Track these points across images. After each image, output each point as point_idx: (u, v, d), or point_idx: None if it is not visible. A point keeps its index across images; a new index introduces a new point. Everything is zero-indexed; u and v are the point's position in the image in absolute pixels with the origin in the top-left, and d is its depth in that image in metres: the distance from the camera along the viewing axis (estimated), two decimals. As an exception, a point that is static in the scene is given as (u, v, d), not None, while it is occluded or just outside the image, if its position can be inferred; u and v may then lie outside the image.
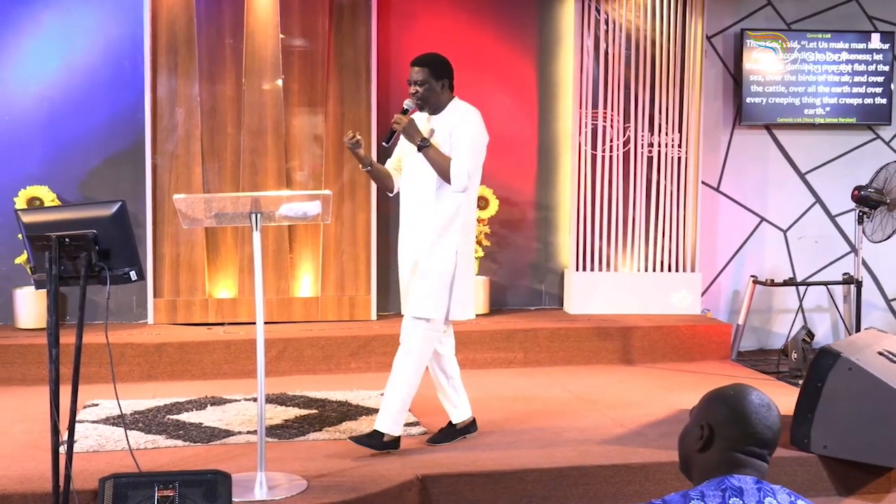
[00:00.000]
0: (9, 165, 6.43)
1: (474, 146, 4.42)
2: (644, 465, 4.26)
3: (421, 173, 4.41)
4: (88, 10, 6.51)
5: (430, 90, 4.44)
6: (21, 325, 6.24)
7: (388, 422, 4.35)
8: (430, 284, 4.35)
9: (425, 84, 4.43)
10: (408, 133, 4.38)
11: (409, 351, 4.37)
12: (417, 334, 4.36)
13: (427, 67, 4.44)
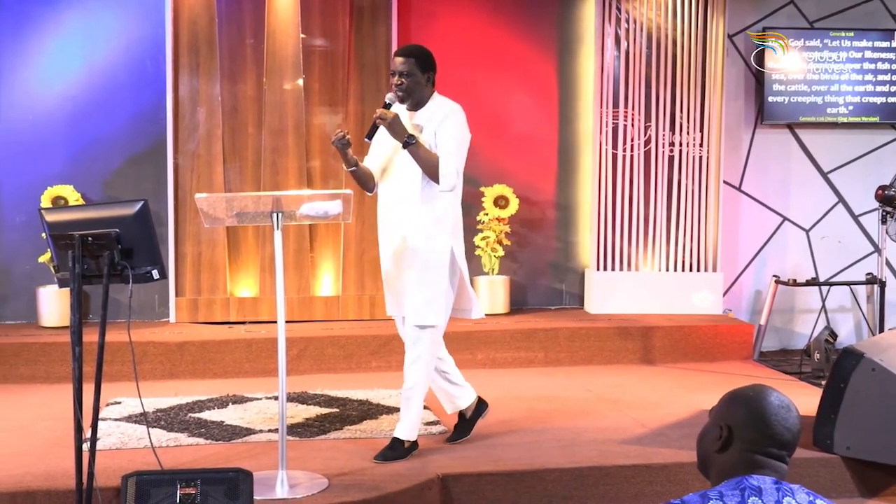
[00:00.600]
0: (33, 165, 6.48)
1: (462, 144, 4.24)
2: (665, 465, 4.25)
3: (406, 172, 4.22)
4: (111, 11, 6.55)
5: (415, 83, 4.23)
6: (45, 323, 6.29)
7: (407, 429, 4.32)
8: (429, 291, 4.21)
9: (411, 76, 4.22)
10: (393, 129, 4.15)
11: (417, 358, 4.27)
12: (423, 341, 4.26)
13: (413, 58, 4.24)
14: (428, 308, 4.23)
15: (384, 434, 4.59)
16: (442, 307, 4.26)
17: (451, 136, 4.20)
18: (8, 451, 4.34)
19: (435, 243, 4.24)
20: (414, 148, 4.15)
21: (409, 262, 4.26)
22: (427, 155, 4.17)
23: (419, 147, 4.16)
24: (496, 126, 7.06)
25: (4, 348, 5.80)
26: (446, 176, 4.16)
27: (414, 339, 4.28)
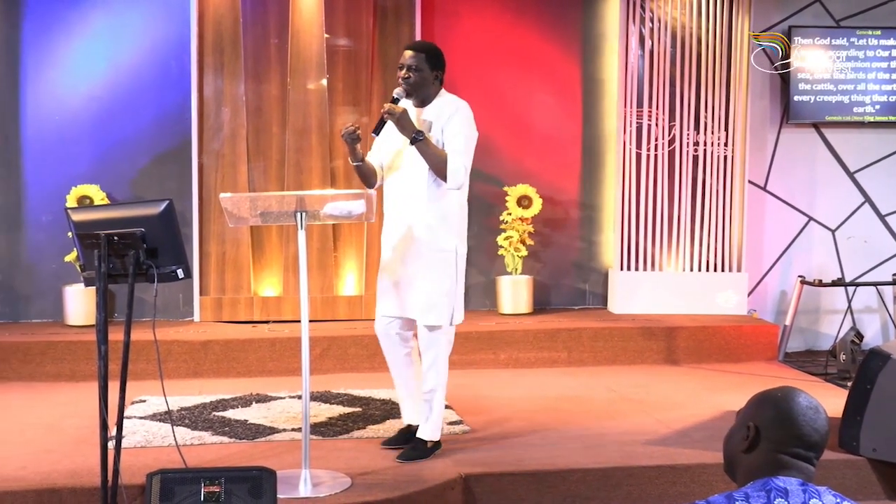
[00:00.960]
0: (59, 165, 6.53)
1: (469, 141, 4.18)
2: (689, 466, 4.23)
3: (413, 169, 4.16)
4: (136, 11, 6.59)
5: (423, 78, 4.16)
6: (70, 321, 6.34)
7: (430, 430, 4.31)
8: (440, 292, 4.17)
9: (419, 71, 4.14)
10: (401, 124, 4.07)
11: (434, 360, 4.24)
12: (439, 342, 4.24)
13: (424, 53, 4.17)
14: (440, 308, 4.19)
15: (407, 433, 4.60)
16: (451, 307, 4.23)
17: (458, 133, 4.14)
18: (34, 449, 4.38)
19: (442, 242, 4.20)
20: (422, 144, 4.08)
21: (415, 261, 4.21)
22: (435, 151, 4.10)
23: (427, 143, 4.09)
24: (520, 126, 7.05)
25: (31, 347, 5.85)
26: (454, 173, 4.10)
27: (429, 342, 4.23)
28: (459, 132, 4.15)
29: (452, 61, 6.91)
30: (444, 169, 4.10)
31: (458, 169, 4.10)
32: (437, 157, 4.10)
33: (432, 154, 4.10)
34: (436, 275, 4.18)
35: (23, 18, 6.50)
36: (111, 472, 3.37)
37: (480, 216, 7.04)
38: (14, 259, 6.58)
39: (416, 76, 4.15)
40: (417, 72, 4.15)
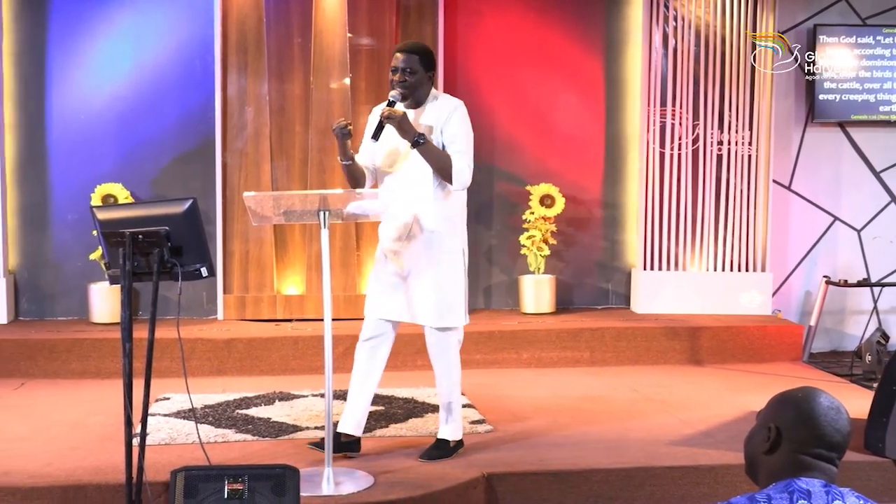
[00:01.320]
0: (84, 164, 6.58)
1: (470, 140, 4.14)
2: (712, 466, 4.20)
3: (417, 172, 4.09)
4: (160, 11, 6.63)
5: (418, 80, 4.09)
6: (95, 319, 6.38)
7: (452, 430, 4.32)
8: (454, 293, 4.17)
9: (415, 73, 4.07)
10: (402, 128, 3.99)
11: (449, 362, 4.24)
12: (451, 344, 4.23)
13: (417, 55, 4.09)
14: (451, 310, 4.18)
15: (430, 432, 4.60)
16: (462, 308, 4.23)
17: (458, 133, 4.11)
18: (60, 446, 4.41)
19: (450, 244, 4.17)
20: (424, 147, 4.02)
21: (424, 266, 4.16)
22: (438, 154, 4.06)
23: (429, 146, 4.04)
24: (542, 125, 7.04)
25: (57, 344, 5.89)
26: (459, 173, 4.07)
27: (443, 345, 4.22)
28: (459, 132, 4.12)
29: (475, 60, 6.95)
30: (448, 171, 4.06)
31: (462, 169, 4.08)
32: (440, 159, 4.06)
33: (435, 157, 4.06)
34: (447, 277, 4.16)
35: (48, 19, 6.55)
36: (136, 468, 3.39)
37: (503, 215, 7.03)
38: (40, 257, 6.63)
39: (412, 78, 4.09)
40: (413, 74, 4.09)
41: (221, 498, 3.36)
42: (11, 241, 6.57)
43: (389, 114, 3.99)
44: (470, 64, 6.95)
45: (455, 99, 4.22)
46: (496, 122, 6.98)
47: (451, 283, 4.18)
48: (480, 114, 6.96)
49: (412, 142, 4.02)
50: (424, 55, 4.13)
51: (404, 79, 4.08)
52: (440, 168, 4.06)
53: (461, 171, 4.08)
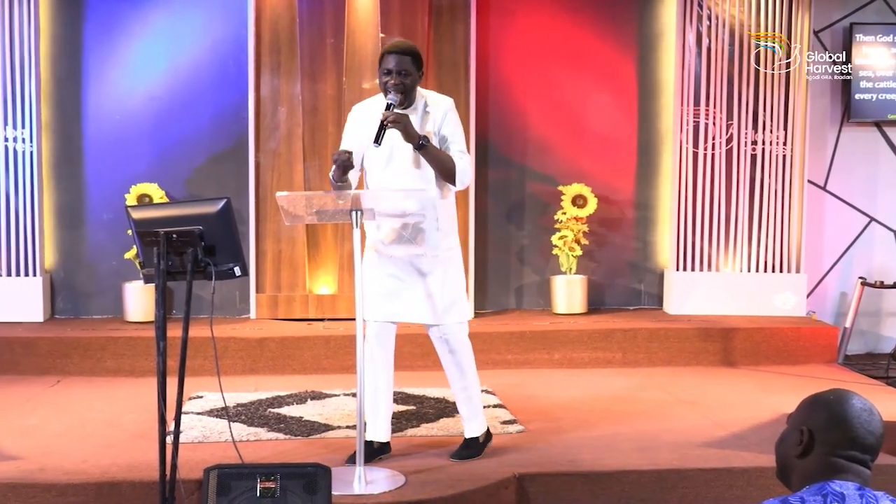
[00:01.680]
0: (119, 163, 6.64)
1: (463, 136, 4.15)
2: (745, 469, 4.17)
3: (420, 172, 4.05)
4: (195, 12, 6.68)
5: (413, 81, 4.02)
6: (130, 318, 6.44)
7: (476, 425, 4.32)
8: (459, 289, 4.19)
9: (409, 75, 4.00)
10: (407, 131, 3.92)
11: (464, 357, 4.24)
12: (462, 342, 4.23)
13: (410, 56, 4.01)
14: (459, 304, 4.22)
15: (461, 432, 4.59)
16: (466, 301, 4.29)
17: (456, 132, 4.10)
18: (95, 443, 4.46)
19: (450, 241, 4.19)
20: (428, 149, 3.98)
21: (430, 265, 4.13)
22: (440, 155, 4.03)
23: (433, 147, 4.00)
24: (575, 125, 7.02)
25: (92, 342, 5.95)
26: (462, 173, 4.07)
27: (454, 342, 4.21)
28: (457, 131, 4.11)
29: (507, 60, 6.94)
30: (452, 171, 4.04)
31: (465, 169, 4.08)
32: (443, 160, 4.03)
33: (438, 158, 4.02)
34: (452, 274, 4.18)
35: (84, 20, 6.61)
36: (169, 466, 3.41)
37: (535, 215, 7.02)
38: (75, 256, 6.70)
39: (408, 80, 4.02)
40: (408, 75, 4.01)
41: (254, 496, 3.38)
42: (48, 240, 6.64)
43: (395, 118, 3.91)
44: (502, 64, 6.95)
45: (446, 97, 4.20)
46: (528, 123, 6.97)
47: (458, 279, 4.23)
48: (512, 114, 6.97)
49: (417, 144, 3.97)
50: (416, 55, 4.06)
51: (400, 81, 3.99)
52: (444, 169, 4.04)
53: (464, 171, 4.08)
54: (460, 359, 4.25)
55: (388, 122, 3.91)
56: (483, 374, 5.90)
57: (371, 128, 4.01)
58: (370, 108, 4.18)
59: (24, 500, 3.81)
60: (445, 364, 4.28)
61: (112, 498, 3.84)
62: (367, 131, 4.06)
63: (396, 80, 3.99)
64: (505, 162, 6.97)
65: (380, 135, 3.92)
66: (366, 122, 4.13)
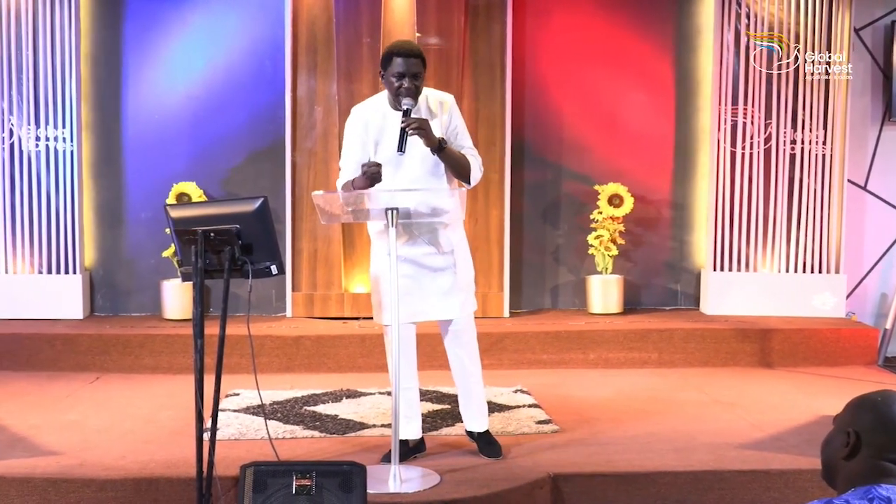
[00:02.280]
0: (158, 162, 6.71)
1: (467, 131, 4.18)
2: (784, 471, 4.13)
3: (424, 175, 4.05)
4: (233, 12, 6.73)
5: (422, 84, 4.01)
6: (168, 315, 6.50)
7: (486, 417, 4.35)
8: (467, 280, 4.24)
9: (420, 77, 3.96)
10: (427, 135, 3.90)
11: (475, 347, 4.27)
12: (474, 330, 4.28)
13: (421, 58, 3.96)
14: (469, 298, 4.27)
15: (495, 431, 4.60)
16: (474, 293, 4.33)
17: (465, 131, 4.14)
18: (133, 439, 4.51)
19: (462, 233, 4.25)
20: (446, 151, 3.99)
21: (443, 262, 4.14)
22: (456, 155, 4.04)
23: (450, 149, 4.02)
24: (611, 124, 6.99)
25: (130, 340, 6.02)
26: (477, 171, 4.12)
27: (468, 332, 4.23)
28: (464, 129, 4.15)
29: (544, 59, 6.92)
30: (468, 171, 4.08)
31: (478, 168, 4.13)
32: (459, 161, 4.06)
33: (455, 158, 4.04)
34: (462, 266, 4.22)
35: (124, 21, 6.69)
36: (206, 463, 3.44)
37: (571, 214, 7.00)
38: (115, 254, 6.78)
39: (420, 83, 3.99)
40: (421, 78, 3.98)
41: (290, 493, 3.40)
42: (88, 238, 6.72)
43: (418, 124, 3.88)
44: (538, 63, 6.93)
45: (446, 94, 4.20)
46: (565, 122, 6.95)
47: (469, 270, 4.28)
48: (548, 113, 6.95)
49: (436, 147, 3.97)
50: (423, 56, 4.01)
51: (415, 85, 3.95)
52: (460, 169, 4.07)
53: (478, 168, 4.12)
54: (471, 351, 4.27)
55: (412, 128, 3.87)
56: (518, 374, 5.93)
57: (376, 130, 4.06)
58: (371, 111, 4.14)
59: (64, 494, 3.87)
60: (457, 358, 4.25)
61: (150, 494, 3.88)
62: (373, 135, 4.08)
63: (410, 84, 3.94)
64: (541, 162, 6.96)
65: (402, 142, 3.88)
66: (368, 126, 4.11)
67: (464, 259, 4.24)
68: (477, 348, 4.31)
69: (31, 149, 6.49)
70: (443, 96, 4.18)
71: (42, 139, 6.50)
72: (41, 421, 4.80)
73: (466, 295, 4.24)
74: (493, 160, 6.61)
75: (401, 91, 3.96)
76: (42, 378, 5.77)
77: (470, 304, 4.27)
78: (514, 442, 4.49)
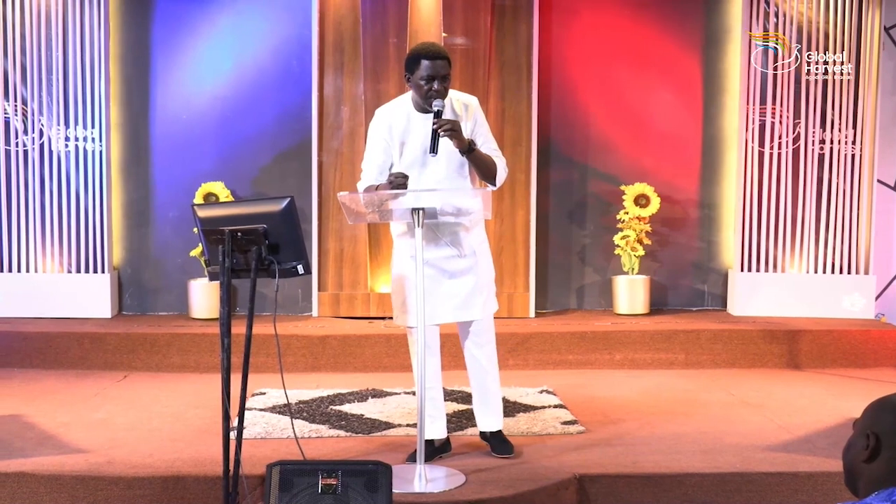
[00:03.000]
0: (186, 162, 6.75)
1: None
2: (812, 473, 4.10)
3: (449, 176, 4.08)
4: (260, 13, 6.76)
5: (450, 85, 4.03)
6: (195, 314, 6.53)
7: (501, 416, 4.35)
8: (489, 281, 4.25)
9: (448, 80, 3.98)
10: (459, 136, 3.91)
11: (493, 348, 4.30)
12: (493, 331, 4.29)
13: (449, 60, 3.99)
14: (491, 299, 4.27)
15: (521, 432, 4.59)
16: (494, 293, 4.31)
17: (489, 133, 4.15)
18: (161, 437, 4.53)
19: (482, 237, 4.26)
20: (475, 153, 4.01)
21: (467, 264, 4.15)
22: (484, 157, 4.05)
23: (479, 151, 4.03)
24: (638, 123, 6.96)
25: (158, 338, 6.06)
26: (502, 172, 4.12)
27: (489, 334, 4.24)
28: (489, 131, 4.15)
29: (570, 59, 6.91)
30: (493, 173, 4.09)
31: (503, 169, 4.13)
32: (486, 163, 4.06)
33: (483, 160, 4.05)
34: (483, 267, 4.24)
35: (152, 22, 6.73)
36: (232, 462, 3.46)
37: (597, 215, 6.98)
38: (143, 254, 6.82)
39: (448, 84, 4.01)
40: (448, 80, 4.00)
41: (315, 492, 3.41)
42: (116, 238, 6.77)
43: (450, 125, 3.88)
44: (565, 63, 6.92)
45: (471, 96, 4.21)
46: (591, 121, 6.94)
47: (490, 271, 4.29)
48: (575, 113, 6.94)
49: (466, 148, 3.98)
50: (450, 58, 4.03)
51: (444, 86, 3.97)
52: (487, 171, 4.07)
53: (503, 170, 4.12)
54: (490, 351, 4.28)
55: (445, 130, 3.87)
56: (544, 375, 5.92)
57: (400, 132, 4.08)
58: (396, 113, 4.14)
59: (92, 492, 3.90)
60: (474, 357, 4.26)
61: (177, 492, 3.90)
62: (398, 136, 4.09)
63: (440, 86, 3.95)
64: (567, 161, 6.94)
65: (434, 143, 3.89)
66: (392, 128, 4.12)
67: (485, 261, 4.25)
68: (495, 348, 4.32)
69: (60, 149, 6.55)
70: (467, 98, 4.18)
71: (71, 139, 6.56)
72: (70, 419, 4.84)
73: (488, 295, 4.24)
74: (519, 160, 6.61)
75: (431, 93, 3.96)
76: (70, 376, 5.82)
77: (491, 304, 4.27)
78: (539, 442, 4.49)
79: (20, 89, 6.52)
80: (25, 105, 6.53)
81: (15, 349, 6.03)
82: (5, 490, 3.91)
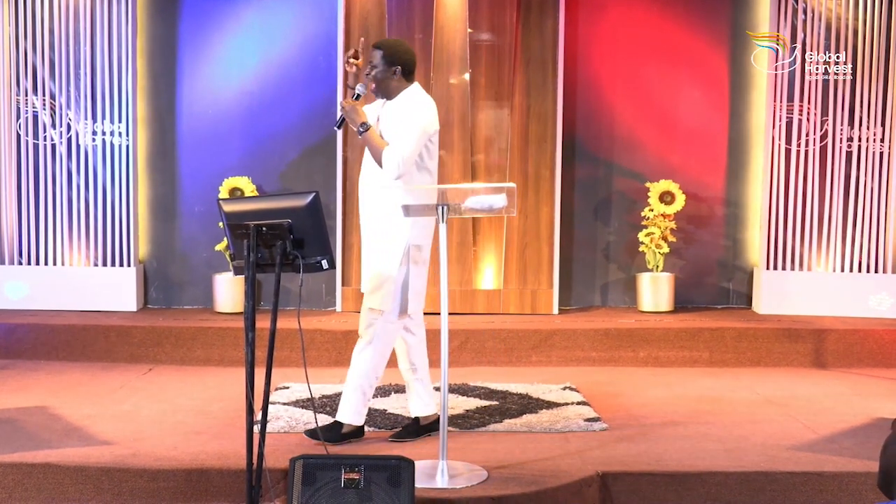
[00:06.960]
0: (212, 157, 6.78)
1: (410, 132, 4.24)
2: (837, 473, 4.07)
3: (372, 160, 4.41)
4: (287, 9, 6.78)
5: (381, 73, 4.36)
6: (220, 308, 6.57)
7: (348, 412, 4.41)
8: (380, 277, 4.33)
9: (376, 67, 4.38)
10: (350, 117, 4.34)
11: (368, 342, 4.37)
12: (374, 325, 4.36)
13: (381, 51, 4.38)
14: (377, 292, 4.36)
15: (543, 428, 4.59)
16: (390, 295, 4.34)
17: (400, 125, 4.29)
18: (185, 430, 4.56)
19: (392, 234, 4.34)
20: (365, 135, 4.32)
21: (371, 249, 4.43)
22: (376, 143, 4.30)
23: (369, 134, 4.31)
24: (664, 120, 6.93)
25: (183, 332, 6.09)
26: (387, 162, 4.23)
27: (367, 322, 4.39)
28: (401, 125, 4.29)
29: (596, 55, 6.88)
30: (378, 159, 4.28)
31: (390, 159, 4.25)
32: (377, 148, 4.29)
33: (373, 145, 4.31)
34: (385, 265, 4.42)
35: (179, 17, 6.77)
36: (256, 455, 3.47)
37: (622, 212, 6.96)
38: (168, 248, 6.87)
39: (374, 72, 4.38)
40: (374, 68, 4.37)
41: (338, 487, 3.42)
42: (142, 231, 6.82)
43: (352, 104, 4.32)
44: (591, 59, 6.89)
45: (422, 97, 4.40)
46: (617, 118, 6.91)
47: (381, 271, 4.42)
48: (600, 110, 6.91)
49: (357, 130, 4.32)
50: (387, 51, 4.37)
51: (369, 72, 4.40)
52: (374, 156, 4.31)
53: (388, 160, 4.24)
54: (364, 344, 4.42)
55: (341, 108, 4.37)
56: (567, 371, 5.92)
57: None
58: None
59: (117, 483, 3.93)
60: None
61: (201, 484, 3.93)
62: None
63: (368, 69, 4.41)
64: (592, 158, 6.92)
65: (340, 120, 4.46)
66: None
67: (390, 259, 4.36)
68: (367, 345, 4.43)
69: (87, 143, 6.60)
70: (415, 97, 4.38)
71: (98, 133, 6.60)
72: (95, 411, 4.88)
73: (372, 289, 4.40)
74: (544, 157, 6.60)
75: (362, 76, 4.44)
76: (96, 369, 5.86)
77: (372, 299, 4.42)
78: (561, 439, 4.48)
79: (48, 84, 6.58)
80: (53, 99, 6.58)
81: (42, 341, 6.08)
82: (32, 481, 3.95)
